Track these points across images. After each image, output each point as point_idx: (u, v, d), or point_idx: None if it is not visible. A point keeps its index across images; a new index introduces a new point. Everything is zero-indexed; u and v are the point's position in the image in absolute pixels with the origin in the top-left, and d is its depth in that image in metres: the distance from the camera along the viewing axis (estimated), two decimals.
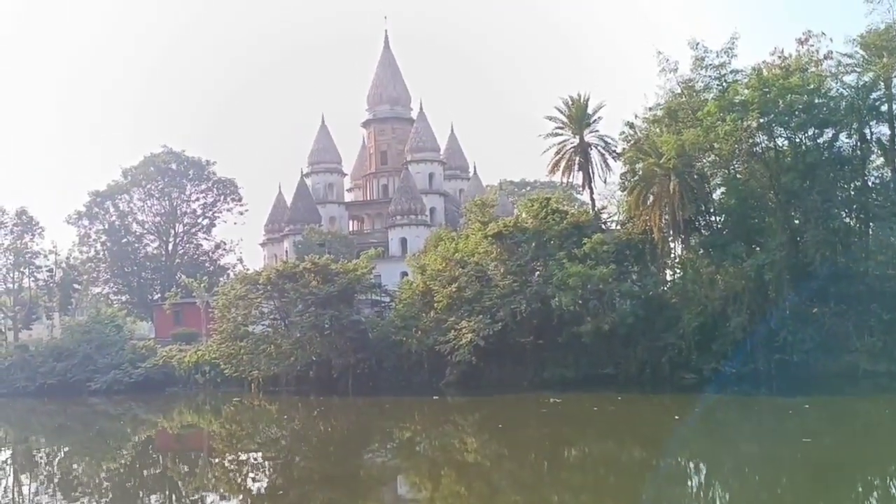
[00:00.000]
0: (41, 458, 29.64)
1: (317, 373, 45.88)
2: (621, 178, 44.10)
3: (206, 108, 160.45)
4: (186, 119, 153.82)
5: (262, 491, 21.02)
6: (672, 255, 42.77)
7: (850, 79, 37.73)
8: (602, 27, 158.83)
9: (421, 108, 73.05)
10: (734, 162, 39.71)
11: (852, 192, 38.37)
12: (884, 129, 37.77)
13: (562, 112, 46.68)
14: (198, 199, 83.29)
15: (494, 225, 43.47)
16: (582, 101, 46.25)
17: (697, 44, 39.45)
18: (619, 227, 43.91)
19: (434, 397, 39.18)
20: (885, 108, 37.26)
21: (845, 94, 37.49)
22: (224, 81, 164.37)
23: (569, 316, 38.57)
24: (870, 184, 38.68)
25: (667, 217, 38.58)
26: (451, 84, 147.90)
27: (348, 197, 77.95)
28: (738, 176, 39.89)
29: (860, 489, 18.43)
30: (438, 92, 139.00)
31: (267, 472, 23.86)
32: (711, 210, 41.03)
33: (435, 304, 42.99)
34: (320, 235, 63.19)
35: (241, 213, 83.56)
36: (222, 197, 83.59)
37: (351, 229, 74.56)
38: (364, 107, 77.05)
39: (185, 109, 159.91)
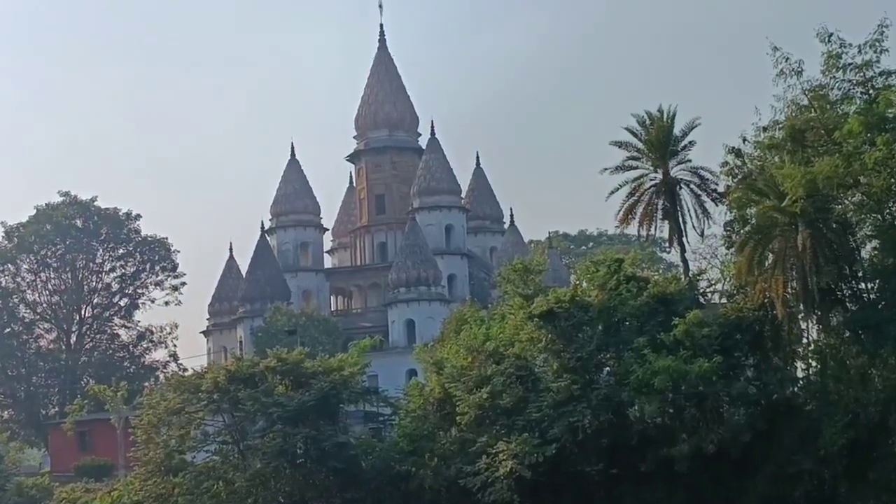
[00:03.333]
0: None
1: None
2: (726, 230, 44.34)
3: (124, 141, 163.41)
4: (97, 156, 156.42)
5: None
6: (805, 341, 42.46)
7: None
8: (687, 13, 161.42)
9: (433, 133, 74.15)
10: (890, 203, 39.69)
11: None
12: None
13: (636, 135, 46.92)
14: (114, 269, 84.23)
15: (543, 300, 43.44)
16: (665, 118, 46.48)
17: (831, 35, 39.78)
18: (724, 301, 43.83)
19: None
20: None
21: None
22: (147, 102, 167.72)
23: (655, 432, 38.62)
24: None
25: (795, 285, 38.46)
26: (474, 99, 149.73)
27: (329, 261, 78.65)
28: None
29: None
30: (457, 110, 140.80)
31: None
32: (860, 274, 40.88)
33: (458, 418, 42.85)
34: (290, 318, 63.38)
35: (176, 288, 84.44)
36: (149, 265, 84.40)
37: (334, 308, 74.98)
38: (352, 132, 78.22)
39: (94, 143, 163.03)
